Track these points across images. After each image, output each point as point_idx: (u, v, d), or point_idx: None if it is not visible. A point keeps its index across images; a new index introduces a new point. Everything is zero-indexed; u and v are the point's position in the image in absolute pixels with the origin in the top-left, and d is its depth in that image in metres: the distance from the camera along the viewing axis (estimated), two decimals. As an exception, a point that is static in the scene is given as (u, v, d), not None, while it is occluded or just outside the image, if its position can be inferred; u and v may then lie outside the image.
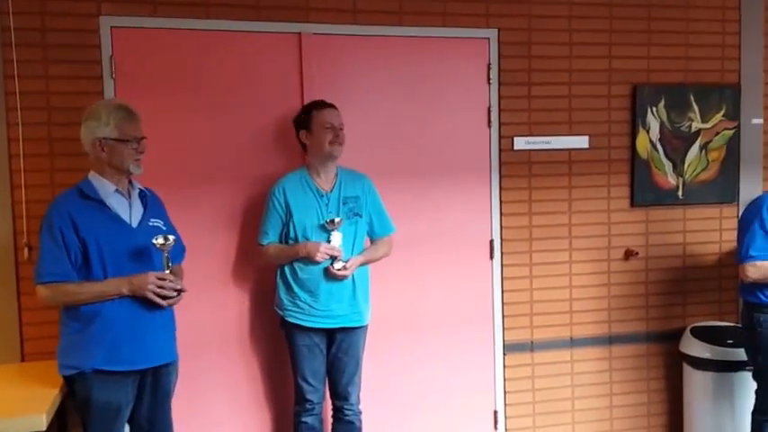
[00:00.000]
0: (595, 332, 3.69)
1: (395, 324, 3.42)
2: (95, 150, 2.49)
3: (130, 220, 2.53)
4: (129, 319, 2.48)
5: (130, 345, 2.49)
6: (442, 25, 3.40)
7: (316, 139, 2.99)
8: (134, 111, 2.54)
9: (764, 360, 3.11)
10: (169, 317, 2.63)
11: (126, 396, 2.52)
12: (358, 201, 3.06)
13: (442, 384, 3.53)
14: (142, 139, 2.55)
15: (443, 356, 3.53)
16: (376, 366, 3.33)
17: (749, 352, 3.21)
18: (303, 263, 2.96)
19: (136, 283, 2.46)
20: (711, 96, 3.70)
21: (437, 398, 3.52)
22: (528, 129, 3.54)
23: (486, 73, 3.48)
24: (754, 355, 3.17)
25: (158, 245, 2.48)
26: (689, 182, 3.71)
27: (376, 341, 3.24)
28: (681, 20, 3.66)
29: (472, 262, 3.55)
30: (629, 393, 3.75)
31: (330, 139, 2.99)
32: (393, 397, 3.46)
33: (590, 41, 3.57)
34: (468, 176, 3.51)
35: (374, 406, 3.29)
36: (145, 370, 2.55)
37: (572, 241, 3.64)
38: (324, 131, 2.98)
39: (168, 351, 2.63)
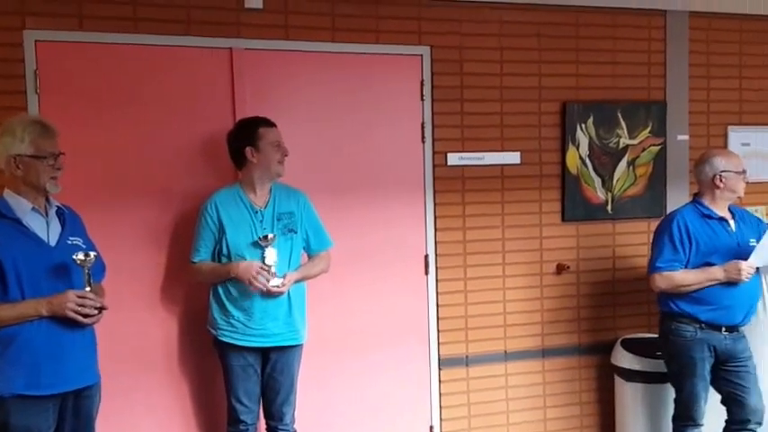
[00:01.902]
0: (529, 345, 3.73)
1: (330, 341, 3.40)
2: (10, 168, 2.42)
3: (48, 239, 2.46)
4: (49, 340, 2.40)
5: (51, 367, 2.40)
6: (375, 42, 3.43)
7: (264, 158, 2.96)
8: (51, 126, 2.47)
9: (678, 367, 3.22)
10: (90, 337, 2.55)
11: (47, 421, 2.43)
12: (293, 216, 3.04)
13: (378, 401, 3.52)
14: (59, 155, 2.47)
15: (379, 373, 3.52)
16: (311, 385, 3.30)
17: (665, 360, 3.32)
18: (237, 280, 2.92)
19: (55, 303, 2.38)
20: (638, 113, 3.81)
21: (373, 415, 3.51)
22: (461, 145, 3.59)
23: (420, 90, 3.51)
24: (668, 363, 3.29)
25: (79, 261, 2.42)
26: (618, 197, 3.81)
27: (311, 359, 3.22)
28: (608, 38, 3.77)
29: (407, 277, 3.56)
30: (563, 406, 3.81)
31: (278, 159, 2.98)
32: (329, 415, 3.44)
33: (520, 59, 3.64)
34: (403, 192, 3.53)
35: (310, 425, 3.26)
36: (66, 393, 2.47)
37: (505, 255, 3.69)
38: (274, 150, 2.97)
39: (90, 373, 2.55)
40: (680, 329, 3.18)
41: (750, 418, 3.18)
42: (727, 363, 3.18)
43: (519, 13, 3.62)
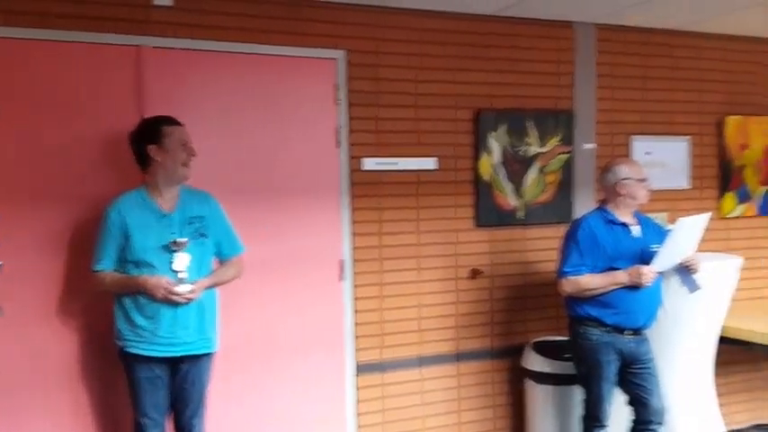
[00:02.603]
0: (444, 350, 3.75)
1: (243, 350, 3.30)
2: None
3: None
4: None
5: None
6: (289, 44, 3.38)
7: (170, 157, 2.83)
8: None
9: (586, 369, 3.31)
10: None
11: None
12: (203, 221, 2.92)
13: (293, 410, 3.44)
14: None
15: (294, 381, 3.45)
16: (222, 395, 3.19)
17: (574, 362, 3.41)
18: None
19: None
20: (548, 122, 3.91)
21: (288, 425, 3.43)
22: (376, 150, 3.58)
23: (334, 93, 3.48)
24: (577, 366, 3.38)
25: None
26: (528, 203, 3.89)
27: (223, 369, 3.11)
28: (519, 48, 3.85)
29: (323, 283, 3.51)
30: (477, 409, 3.85)
31: (184, 160, 2.86)
32: (241, 427, 3.33)
33: (435, 66, 3.67)
34: (318, 196, 3.49)
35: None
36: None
37: (421, 261, 3.71)
38: (180, 150, 2.85)
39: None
40: (587, 333, 3.27)
41: (652, 418, 3.30)
42: (632, 365, 3.29)
43: (434, 21, 3.65)
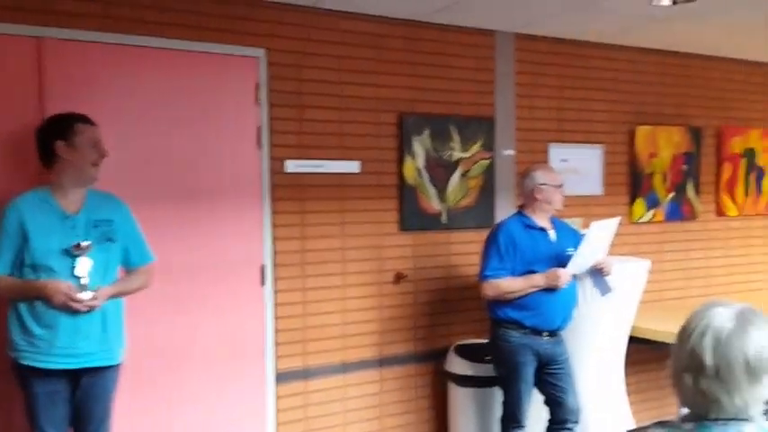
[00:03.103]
0: (367, 355, 3.71)
1: (153, 361, 3.14)
2: None
3: None
4: None
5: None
6: (208, 40, 3.26)
7: (79, 156, 2.65)
8: None
9: (505, 372, 3.36)
10: None
11: None
12: (111, 225, 2.75)
13: (208, 423, 3.30)
14: None
15: (210, 392, 3.31)
16: (130, 410, 3.03)
17: (494, 364, 3.45)
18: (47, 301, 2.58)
19: None
20: (470, 128, 3.95)
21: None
22: (299, 152, 3.51)
23: (255, 93, 3.39)
24: (497, 367, 3.43)
25: None
26: (452, 207, 3.92)
27: (132, 381, 2.95)
28: (442, 54, 3.88)
29: (243, 289, 3.40)
30: (400, 414, 3.82)
31: (94, 160, 2.69)
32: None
33: (359, 69, 3.64)
34: (238, 199, 3.37)
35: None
36: None
37: (344, 265, 3.65)
38: (90, 149, 2.68)
39: None
40: (506, 335, 3.31)
41: (568, 417, 3.37)
42: (549, 366, 3.35)
43: (358, 23, 3.63)
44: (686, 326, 1.44)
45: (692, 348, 1.38)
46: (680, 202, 4.70)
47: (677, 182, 4.67)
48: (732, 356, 1.37)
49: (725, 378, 1.36)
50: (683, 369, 1.39)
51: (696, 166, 4.75)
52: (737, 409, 1.38)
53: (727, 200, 4.94)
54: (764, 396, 1.40)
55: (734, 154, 4.94)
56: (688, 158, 4.71)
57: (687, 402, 1.43)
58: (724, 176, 4.91)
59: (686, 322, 1.45)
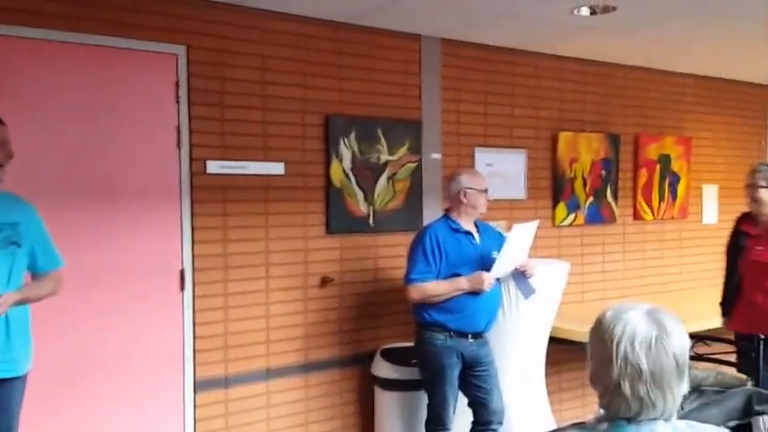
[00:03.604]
0: (292, 361, 3.64)
1: (65, 370, 2.99)
2: None
3: None
4: None
5: None
6: (126, 36, 3.13)
7: None
8: None
9: (430, 375, 3.36)
10: None
11: None
12: (16, 228, 2.58)
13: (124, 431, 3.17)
14: None
15: (128, 401, 3.18)
16: (43, 423, 2.87)
17: (419, 368, 3.44)
18: None
19: None
20: (397, 131, 3.95)
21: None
22: (222, 152, 3.41)
23: (175, 91, 3.28)
24: (422, 371, 3.42)
25: None
26: (378, 210, 3.90)
27: (43, 393, 2.81)
28: (369, 57, 3.86)
29: (161, 294, 3.28)
30: (325, 420, 3.77)
31: (1, 159, 2.53)
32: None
33: (283, 69, 3.58)
34: (156, 201, 3.25)
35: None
36: None
37: (269, 269, 3.58)
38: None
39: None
40: (432, 338, 3.31)
41: (492, 418, 3.40)
42: (473, 368, 3.38)
43: (283, 23, 3.57)
44: (606, 332, 1.44)
45: (625, 356, 1.40)
46: (599, 206, 4.84)
47: (597, 187, 4.82)
48: (664, 359, 1.39)
49: (660, 381, 1.39)
50: (619, 377, 1.40)
51: (614, 171, 4.91)
52: (669, 409, 1.41)
53: (644, 204, 5.13)
54: (684, 391, 1.44)
55: (650, 160, 5.14)
56: (607, 164, 4.86)
57: (616, 406, 1.43)
58: (640, 182, 5.10)
59: (603, 328, 1.46)
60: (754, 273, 3.69)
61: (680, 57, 4.78)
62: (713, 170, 5.57)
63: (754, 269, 3.69)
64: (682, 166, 5.33)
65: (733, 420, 2.06)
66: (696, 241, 5.47)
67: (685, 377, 1.43)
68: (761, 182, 3.71)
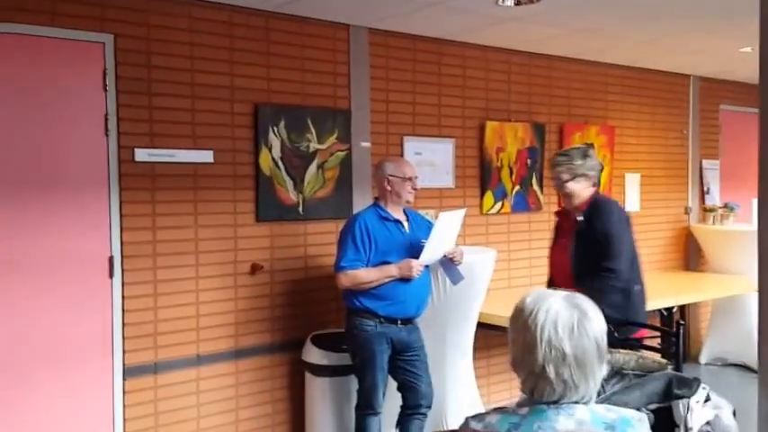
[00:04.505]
0: (222, 347, 3.68)
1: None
2: None
3: None
4: None
5: None
6: (53, 25, 3.10)
7: None
8: None
9: (360, 360, 3.44)
10: None
11: None
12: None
13: (54, 423, 3.16)
14: None
15: (53, 391, 3.17)
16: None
17: (350, 353, 3.52)
18: None
19: None
20: (326, 120, 4.01)
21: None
22: (150, 140, 3.41)
23: (102, 79, 3.26)
24: (353, 356, 3.49)
25: None
26: (308, 198, 3.96)
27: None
28: (297, 46, 3.90)
29: (88, 283, 3.27)
30: (255, 406, 3.82)
31: None
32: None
33: (212, 57, 3.60)
34: (84, 189, 3.24)
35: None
36: None
37: (198, 256, 3.60)
38: None
39: None
40: (362, 324, 3.38)
41: (422, 402, 3.50)
42: (403, 353, 3.46)
43: (209, 12, 3.57)
44: (528, 318, 1.48)
45: (549, 341, 1.43)
46: (526, 194, 5.01)
47: (523, 175, 4.98)
48: (586, 343, 1.44)
49: (583, 364, 1.43)
50: (544, 361, 1.43)
51: (540, 160, 5.09)
52: (590, 392, 1.46)
53: (569, 192, 5.32)
54: (604, 374, 1.49)
55: (574, 149, 5.33)
56: (532, 153, 5.03)
57: (540, 390, 1.46)
58: (566, 170, 5.29)
59: (526, 314, 1.49)
60: (561, 267, 3.49)
61: (604, 47, 4.94)
62: (636, 159, 5.81)
63: (560, 263, 3.51)
64: (605, 155, 5.55)
65: (653, 403, 2.15)
66: (617, 227, 5.71)
67: (605, 360, 1.47)
68: (564, 175, 3.42)
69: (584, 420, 1.43)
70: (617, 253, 3.29)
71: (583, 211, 3.40)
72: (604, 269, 3.26)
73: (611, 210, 3.41)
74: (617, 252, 3.29)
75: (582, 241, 3.38)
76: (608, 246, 3.29)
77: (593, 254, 3.30)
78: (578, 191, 3.42)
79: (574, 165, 3.39)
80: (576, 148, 3.71)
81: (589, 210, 3.39)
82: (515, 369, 1.51)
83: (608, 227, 3.32)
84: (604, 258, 3.27)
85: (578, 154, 3.45)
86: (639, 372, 2.58)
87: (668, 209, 6.06)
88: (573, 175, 3.39)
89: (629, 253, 3.38)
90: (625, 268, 3.31)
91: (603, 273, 3.25)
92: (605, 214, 3.36)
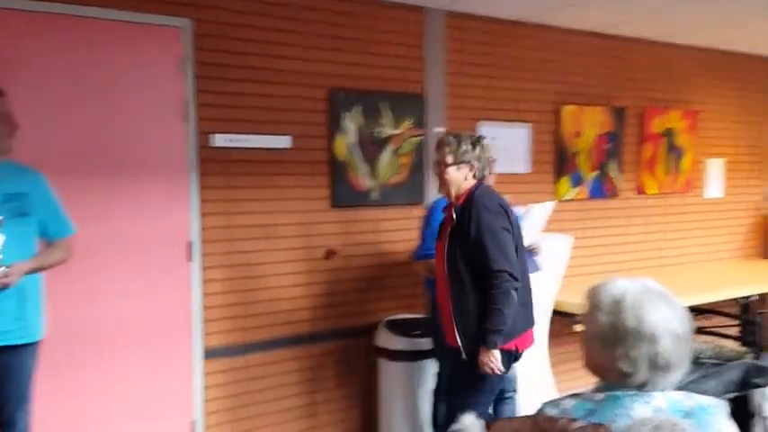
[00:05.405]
0: (296, 331, 3.71)
1: (77, 338, 3.07)
2: None
3: None
4: None
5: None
6: (132, 9, 3.15)
7: None
8: None
9: None
10: None
11: None
12: (24, 198, 2.65)
13: (135, 398, 3.26)
14: None
15: (137, 368, 3.26)
16: (52, 388, 2.95)
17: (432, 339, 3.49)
18: None
19: None
20: (400, 105, 3.96)
21: (130, 415, 3.25)
22: (228, 125, 3.44)
23: (181, 64, 3.30)
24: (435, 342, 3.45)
25: None
26: (382, 184, 3.93)
27: (54, 358, 2.88)
28: (372, 30, 3.86)
29: (169, 265, 3.34)
30: (330, 389, 3.84)
31: (6, 132, 2.59)
32: (75, 419, 3.10)
33: (288, 42, 3.59)
34: (163, 174, 3.30)
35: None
36: None
37: (275, 241, 3.63)
38: (1, 123, 2.58)
39: None
40: None
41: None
42: None
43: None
44: (611, 306, 1.45)
45: (635, 329, 1.41)
46: (603, 180, 4.86)
47: (600, 161, 4.83)
48: (676, 330, 1.42)
49: (671, 353, 1.41)
50: (631, 349, 1.41)
51: (619, 145, 4.92)
52: (672, 382, 1.43)
53: (648, 178, 5.14)
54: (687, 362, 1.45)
55: (655, 134, 5.14)
56: (611, 138, 4.87)
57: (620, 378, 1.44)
58: (645, 155, 5.10)
59: (608, 302, 1.46)
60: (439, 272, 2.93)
61: (687, 29, 4.74)
62: (719, 144, 5.57)
63: (438, 266, 2.95)
64: (687, 140, 5.33)
65: (730, 393, 2.08)
66: (698, 215, 5.50)
67: (689, 348, 1.45)
68: (448, 158, 2.89)
69: (661, 408, 1.40)
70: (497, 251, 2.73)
71: (455, 207, 2.87)
72: (490, 274, 2.72)
73: (485, 203, 2.80)
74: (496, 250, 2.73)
75: (454, 242, 2.83)
76: (482, 244, 2.73)
77: (465, 255, 2.78)
78: (457, 179, 2.89)
79: (461, 150, 2.89)
80: (469, 133, 3.08)
81: (463, 204, 2.85)
82: (596, 356, 1.48)
83: (480, 223, 2.75)
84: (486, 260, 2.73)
85: (469, 139, 2.93)
86: (717, 360, 2.48)
87: (748, 195, 5.81)
88: (456, 161, 2.89)
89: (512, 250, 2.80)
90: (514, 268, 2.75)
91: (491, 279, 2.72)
92: (479, 209, 2.78)
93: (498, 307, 2.71)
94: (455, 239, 2.83)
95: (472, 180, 2.92)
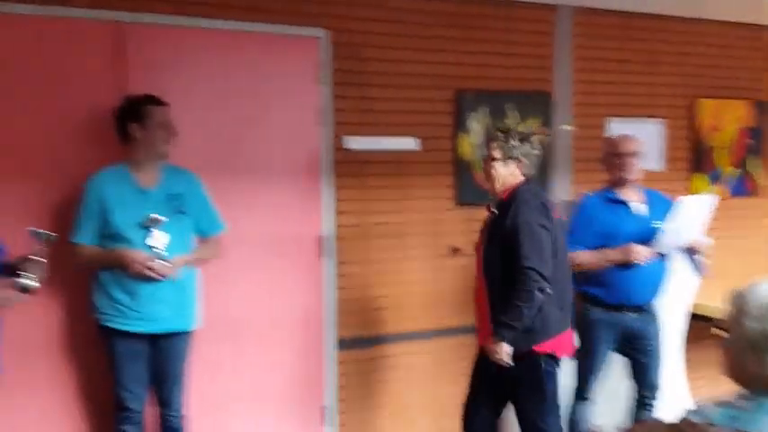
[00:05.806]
0: (425, 326, 3.83)
1: (222, 327, 3.33)
2: None
3: None
4: None
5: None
6: (272, 21, 3.38)
7: (150, 136, 2.87)
8: None
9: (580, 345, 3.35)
10: None
11: None
12: (182, 198, 2.96)
13: (271, 383, 3.51)
14: None
15: (273, 356, 3.50)
16: (203, 371, 3.24)
17: None
18: None
19: None
20: (528, 104, 3.96)
21: (266, 399, 3.50)
22: (360, 129, 3.61)
23: (317, 72, 3.50)
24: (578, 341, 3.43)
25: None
26: (506, 183, 3.95)
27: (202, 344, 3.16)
28: (500, 30, 3.88)
29: (302, 261, 3.55)
30: (454, 384, 3.86)
31: (165, 138, 2.90)
32: (221, 401, 3.38)
33: (415, 47, 3.70)
34: (300, 176, 3.52)
35: (202, 410, 3.22)
36: None
37: (404, 238, 3.76)
38: (160, 129, 2.89)
39: None
40: (585, 310, 3.34)
41: (646, 393, 3.45)
42: (634, 341, 3.38)
43: (413, 2, 3.68)
44: (757, 310, 1.43)
45: None
46: (743, 177, 4.60)
47: (741, 156, 4.57)
48: None
49: None
50: None
51: (761, 140, 4.63)
52: None
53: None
54: None
55: (804, 128, 4.79)
56: (753, 133, 4.59)
57: None
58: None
59: (753, 306, 1.44)
60: (477, 272, 2.95)
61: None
62: None
63: (477, 267, 2.97)
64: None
65: None
66: None
67: None
68: (496, 152, 2.86)
69: None
70: (530, 248, 2.67)
71: (498, 203, 2.85)
72: (519, 269, 2.66)
73: (526, 198, 2.76)
74: (529, 246, 2.67)
75: (493, 238, 2.81)
76: (516, 239, 2.68)
77: (503, 253, 2.73)
78: (503, 175, 2.85)
79: (509, 145, 2.85)
80: (520, 128, 3.08)
81: (507, 201, 2.80)
82: (743, 364, 1.44)
83: (517, 218, 2.70)
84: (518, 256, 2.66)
85: (518, 135, 2.89)
86: None
87: None
88: (504, 156, 2.85)
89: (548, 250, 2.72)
90: (545, 268, 2.67)
91: (519, 275, 2.66)
92: (519, 204, 2.74)
93: (518, 303, 2.67)
94: (494, 237, 2.80)
95: (519, 177, 2.87)
